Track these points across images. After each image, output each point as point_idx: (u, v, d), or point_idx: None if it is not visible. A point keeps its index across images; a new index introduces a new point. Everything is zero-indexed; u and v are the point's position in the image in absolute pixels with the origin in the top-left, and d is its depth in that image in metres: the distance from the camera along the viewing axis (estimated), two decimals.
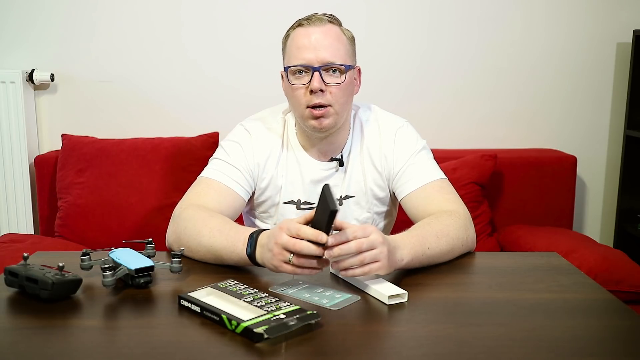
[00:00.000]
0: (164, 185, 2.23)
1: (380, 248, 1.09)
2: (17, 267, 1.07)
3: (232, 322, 0.93)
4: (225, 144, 1.49)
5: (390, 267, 1.13)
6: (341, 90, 1.39)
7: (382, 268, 1.11)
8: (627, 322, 1.01)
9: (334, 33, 1.40)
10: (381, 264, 1.10)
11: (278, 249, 1.08)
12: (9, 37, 2.41)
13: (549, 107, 2.53)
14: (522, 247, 2.11)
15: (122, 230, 2.20)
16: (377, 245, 1.09)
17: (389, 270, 1.13)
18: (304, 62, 1.37)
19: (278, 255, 1.08)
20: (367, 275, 1.11)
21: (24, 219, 2.42)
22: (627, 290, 1.86)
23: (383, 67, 2.46)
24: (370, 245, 1.08)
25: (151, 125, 2.45)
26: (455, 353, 0.89)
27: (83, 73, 2.44)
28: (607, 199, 2.62)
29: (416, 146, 1.49)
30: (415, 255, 1.20)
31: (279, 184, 1.49)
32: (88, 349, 0.90)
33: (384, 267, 1.11)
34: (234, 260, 1.21)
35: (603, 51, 2.50)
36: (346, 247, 1.07)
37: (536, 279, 1.20)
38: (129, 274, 1.10)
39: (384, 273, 1.12)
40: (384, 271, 1.12)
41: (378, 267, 1.10)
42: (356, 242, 1.07)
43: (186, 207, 1.35)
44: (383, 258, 1.10)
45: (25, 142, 2.38)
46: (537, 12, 2.46)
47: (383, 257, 1.10)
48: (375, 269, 1.10)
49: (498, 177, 2.35)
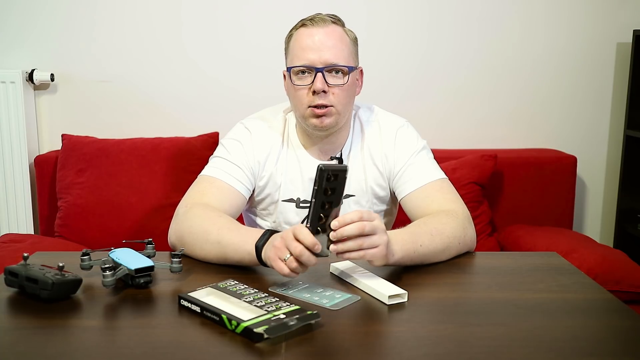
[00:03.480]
0: (164, 185, 2.23)
1: (380, 235, 1.09)
2: (17, 267, 1.07)
3: (232, 322, 0.93)
4: (226, 142, 1.49)
5: (385, 258, 1.13)
6: (344, 91, 1.39)
7: (380, 256, 1.10)
8: (627, 322, 1.01)
9: (337, 34, 1.40)
10: (378, 251, 1.09)
11: (281, 244, 1.08)
12: (9, 37, 2.41)
13: (549, 107, 2.54)
14: (522, 247, 2.11)
15: (122, 230, 2.20)
16: (378, 231, 1.09)
17: (382, 261, 1.13)
18: (307, 63, 1.37)
19: (278, 251, 1.08)
20: (363, 259, 1.10)
21: (24, 219, 2.42)
22: (627, 290, 1.86)
23: (383, 67, 2.46)
24: (372, 230, 1.08)
25: (151, 125, 2.45)
26: (455, 353, 0.89)
27: (83, 73, 2.44)
28: (607, 199, 2.62)
29: (416, 146, 1.49)
30: (406, 252, 1.19)
31: (278, 182, 1.49)
32: (88, 349, 0.90)
33: (381, 256, 1.11)
34: (239, 257, 1.20)
35: (603, 51, 2.50)
36: (349, 228, 1.06)
37: (536, 279, 1.20)
38: (129, 274, 1.10)
39: (378, 263, 1.13)
40: (380, 260, 1.12)
41: (375, 253, 1.09)
42: (358, 225, 1.06)
43: (191, 206, 1.34)
44: (382, 245, 1.09)
45: (25, 142, 2.38)
46: (537, 12, 2.47)
47: (382, 243, 1.09)
48: (371, 255, 1.09)
49: (498, 177, 2.35)
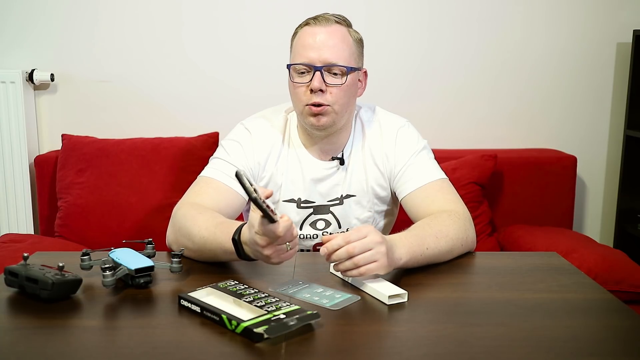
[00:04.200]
0: (164, 185, 2.23)
1: (376, 248, 1.10)
2: (17, 267, 1.07)
3: (232, 322, 0.93)
4: (226, 143, 1.49)
5: (389, 267, 1.13)
6: (342, 91, 1.39)
7: (381, 267, 1.11)
8: (627, 322, 1.01)
9: (340, 34, 1.39)
10: (379, 264, 1.10)
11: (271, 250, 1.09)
12: (9, 37, 2.41)
13: (549, 107, 2.53)
14: (522, 247, 2.11)
15: (122, 230, 2.20)
16: (372, 246, 1.09)
17: (388, 269, 1.13)
18: (306, 61, 1.38)
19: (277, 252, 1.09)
20: (366, 275, 1.11)
21: (24, 219, 2.42)
22: (627, 290, 1.86)
23: (383, 67, 2.46)
24: (363, 248, 1.09)
25: (151, 125, 2.45)
26: (455, 353, 0.89)
27: (83, 73, 2.44)
28: (607, 199, 2.62)
29: (417, 146, 1.49)
30: (413, 255, 1.20)
31: (278, 182, 1.49)
32: (88, 349, 0.90)
33: (383, 267, 1.11)
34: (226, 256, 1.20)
35: (603, 51, 2.50)
36: (337, 255, 1.09)
37: (536, 279, 1.20)
38: (129, 274, 1.10)
39: (383, 272, 1.13)
40: (383, 270, 1.12)
41: (375, 267, 1.10)
42: (346, 249, 1.08)
43: (181, 206, 1.35)
44: (380, 258, 1.10)
45: (25, 142, 2.38)
46: (537, 12, 2.46)
47: (380, 256, 1.10)
48: (372, 269, 1.10)
49: (498, 177, 2.35)
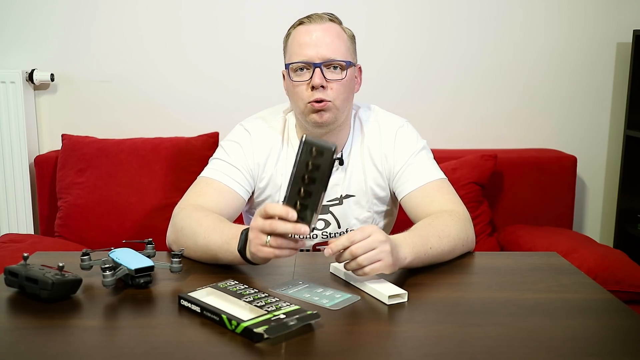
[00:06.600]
0: (164, 185, 2.23)
1: (380, 247, 1.10)
2: (17, 267, 1.07)
3: (232, 322, 0.93)
4: (225, 144, 1.49)
5: (394, 266, 1.13)
6: (342, 86, 1.39)
7: (386, 266, 1.11)
8: (627, 322, 1.01)
9: (335, 30, 1.41)
10: (383, 263, 1.10)
11: (254, 233, 1.09)
12: (9, 37, 2.41)
13: (549, 107, 2.53)
14: (522, 247, 2.11)
15: (122, 230, 2.20)
16: (375, 245, 1.09)
17: (393, 268, 1.13)
18: (305, 59, 1.38)
19: (255, 240, 1.09)
20: (372, 274, 1.11)
21: (24, 219, 2.42)
22: (627, 290, 1.86)
23: (383, 67, 2.46)
24: (366, 248, 1.09)
25: (151, 125, 2.45)
26: (455, 353, 0.89)
27: (83, 73, 2.44)
28: (607, 199, 2.62)
29: (416, 146, 1.49)
30: (417, 255, 1.20)
31: (278, 183, 1.49)
32: (88, 349, 0.90)
33: (387, 266, 1.11)
34: (229, 259, 1.20)
35: (603, 51, 2.50)
36: (342, 256, 1.10)
37: (536, 279, 1.20)
38: (129, 274, 1.10)
39: (389, 272, 1.13)
40: (389, 270, 1.12)
41: (380, 266, 1.10)
42: (349, 250, 1.08)
43: (184, 207, 1.35)
44: (385, 256, 1.10)
45: (25, 142, 2.38)
46: (537, 12, 2.46)
47: (384, 255, 1.10)
48: (377, 269, 1.10)
49: (498, 177, 2.35)
